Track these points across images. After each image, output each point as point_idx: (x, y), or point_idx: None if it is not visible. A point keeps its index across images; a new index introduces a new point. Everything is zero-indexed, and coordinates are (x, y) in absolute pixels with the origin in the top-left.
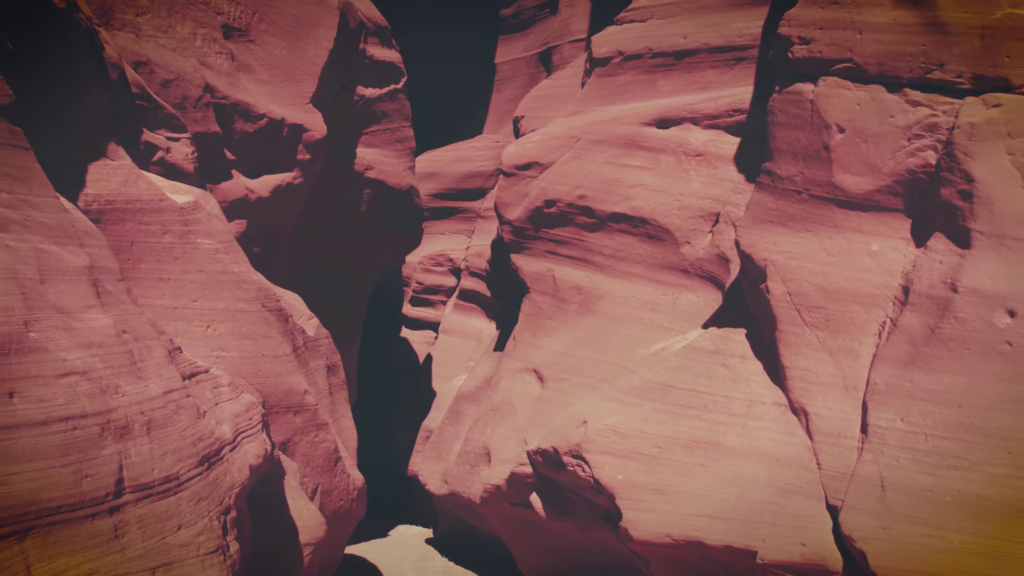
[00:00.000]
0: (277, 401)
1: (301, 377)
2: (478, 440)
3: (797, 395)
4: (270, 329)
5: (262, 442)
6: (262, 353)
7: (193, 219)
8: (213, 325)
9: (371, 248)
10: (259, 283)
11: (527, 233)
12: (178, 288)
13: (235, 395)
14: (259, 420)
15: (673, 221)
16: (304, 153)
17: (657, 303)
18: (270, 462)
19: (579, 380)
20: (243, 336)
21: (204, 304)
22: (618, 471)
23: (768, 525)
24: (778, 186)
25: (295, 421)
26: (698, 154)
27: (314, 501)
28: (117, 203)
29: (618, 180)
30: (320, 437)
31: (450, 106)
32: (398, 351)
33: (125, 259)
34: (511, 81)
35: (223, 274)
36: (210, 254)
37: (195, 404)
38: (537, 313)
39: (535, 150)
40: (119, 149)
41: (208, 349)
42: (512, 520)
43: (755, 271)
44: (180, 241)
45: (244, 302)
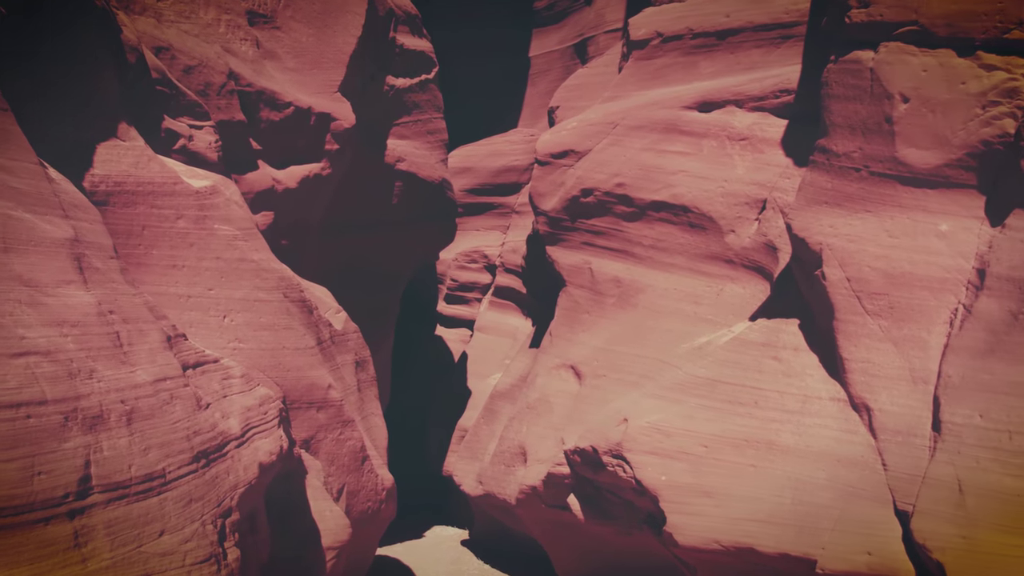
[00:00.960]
0: (299, 396)
1: (325, 371)
2: (513, 439)
3: (858, 389)
4: (292, 320)
5: (277, 438)
6: (283, 345)
7: (210, 204)
8: (230, 315)
9: (403, 243)
10: (280, 272)
11: (563, 224)
12: (193, 276)
13: (248, 388)
14: (275, 415)
15: (717, 209)
16: (332, 143)
17: (700, 295)
18: (287, 460)
19: (618, 376)
20: (262, 327)
21: (221, 293)
22: (661, 472)
23: (829, 531)
24: (834, 164)
25: (319, 417)
26: (742, 138)
27: (339, 502)
28: (127, 185)
29: (658, 167)
30: (346, 435)
31: (483, 104)
32: (432, 349)
33: (135, 244)
34: (546, 74)
35: (241, 262)
36: (228, 241)
37: (195, 395)
38: (574, 307)
39: (571, 137)
40: (131, 130)
41: (224, 340)
42: (549, 522)
43: (809, 256)
44: (195, 227)
45: (264, 291)
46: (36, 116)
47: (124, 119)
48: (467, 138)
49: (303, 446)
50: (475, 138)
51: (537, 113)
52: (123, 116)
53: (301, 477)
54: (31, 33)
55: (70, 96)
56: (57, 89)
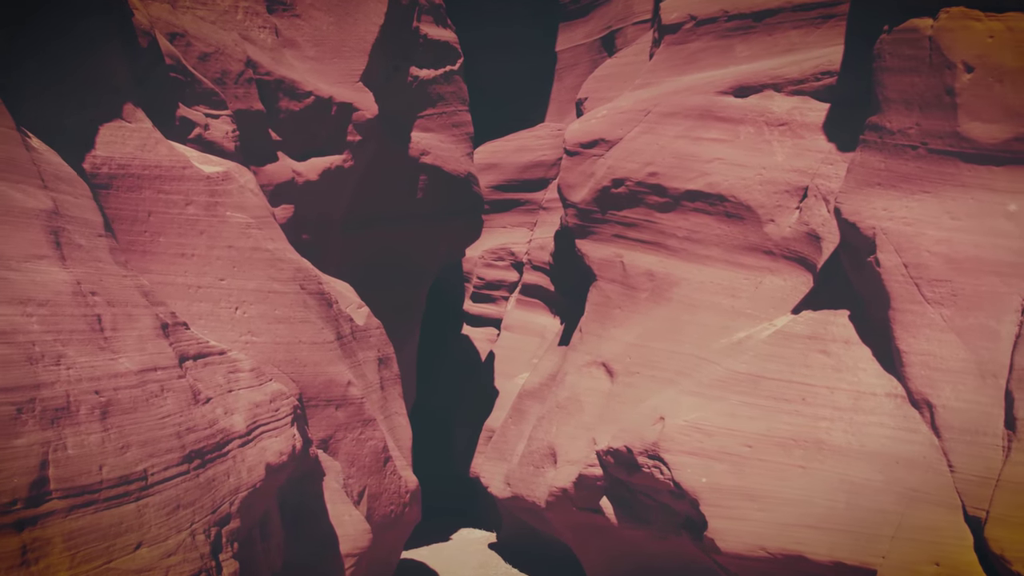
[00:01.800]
0: (316, 393)
1: (345, 367)
2: (543, 440)
3: (918, 384)
4: (309, 313)
5: (289, 437)
6: (299, 339)
7: (222, 190)
8: (243, 307)
9: (428, 238)
10: (297, 263)
11: (593, 216)
12: (203, 265)
13: (259, 383)
14: (288, 412)
15: (755, 197)
16: (355, 134)
17: (738, 288)
18: (301, 461)
19: (652, 373)
20: (277, 320)
21: (233, 283)
22: (702, 473)
23: (889, 539)
24: (888, 142)
25: (337, 416)
26: (782, 123)
27: (360, 506)
28: (132, 168)
29: (693, 155)
30: (367, 434)
31: (509, 101)
32: (459, 349)
33: (141, 231)
34: (573, 69)
35: (255, 251)
36: (241, 229)
37: (192, 388)
38: (605, 302)
39: (601, 126)
40: (137, 111)
41: (236, 333)
42: (580, 526)
43: (861, 242)
44: (206, 213)
45: (279, 282)
46: (38, 95)
47: (131, 100)
48: (492, 137)
49: (321, 446)
50: (501, 136)
51: (564, 108)
52: (130, 98)
53: (318, 479)
54: (36, 11)
55: (74, 76)
56: (61, 68)
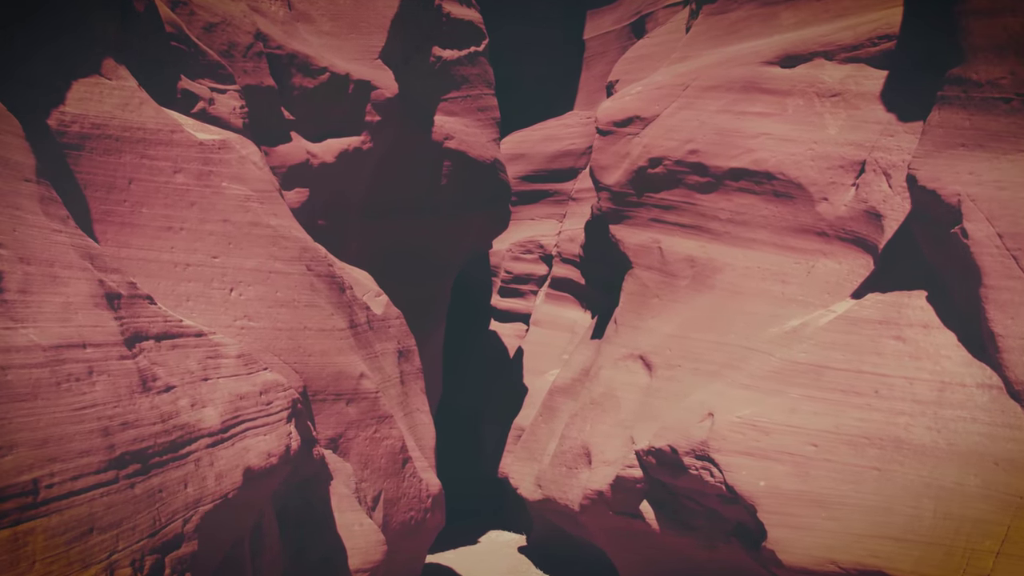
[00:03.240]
0: (324, 386)
1: (358, 358)
2: (576, 438)
3: (1019, 373)
4: (317, 297)
5: (282, 436)
6: (304, 325)
7: (218, 159)
8: (239, 288)
9: (453, 229)
10: (304, 242)
11: (628, 199)
12: (193, 241)
13: (246, 371)
14: (284, 407)
15: (806, 174)
16: (373, 114)
17: (788, 273)
18: (301, 462)
19: (695, 366)
20: (278, 303)
21: (228, 262)
22: (759, 476)
23: (992, 555)
24: (974, 96)
25: (348, 412)
26: (834, 94)
27: (375, 512)
28: (110, 129)
29: (736, 130)
30: (382, 432)
31: (536, 92)
32: (487, 345)
33: (120, 200)
34: (601, 57)
35: (255, 226)
36: (239, 202)
37: (142, 373)
38: (642, 291)
39: (636, 103)
40: (120, 68)
41: (230, 317)
42: (617, 531)
43: (942, 212)
44: (198, 183)
45: (282, 262)
46: (6, 43)
47: (113, 57)
48: (518, 129)
49: (329, 446)
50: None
51: (593, 98)
52: (112, 54)
53: (324, 483)
54: None
55: (49, 24)
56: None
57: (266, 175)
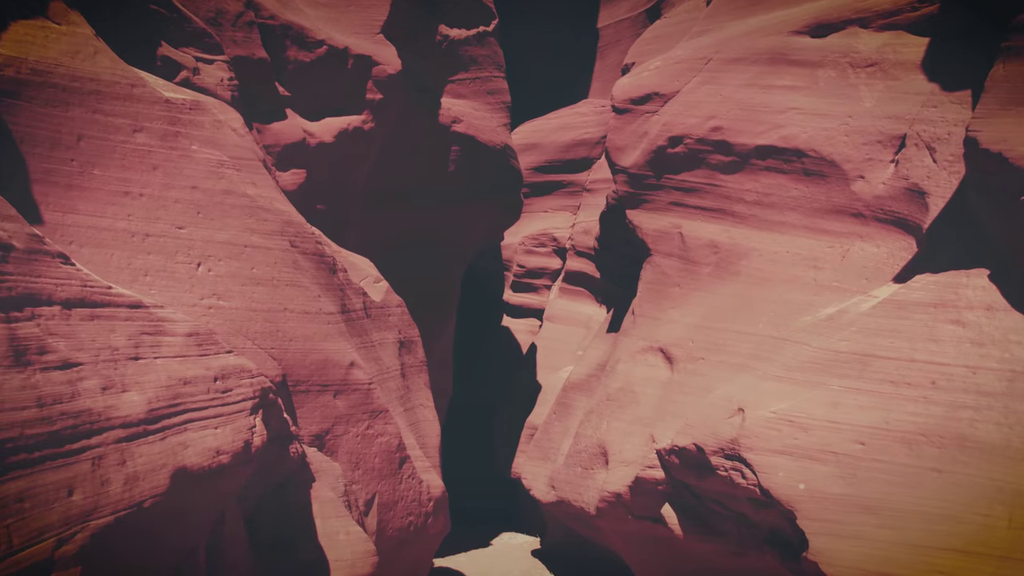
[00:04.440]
0: (307, 375)
1: (349, 346)
2: (591, 437)
3: None
4: (300, 276)
5: (239, 430)
6: (284, 306)
7: (189, 120)
8: (208, 263)
9: (462, 218)
10: (287, 215)
11: (646, 182)
12: (154, 208)
13: (198, 352)
14: (248, 396)
15: (840, 151)
16: (375, 92)
17: (820, 258)
18: (272, 461)
19: (720, 358)
20: (254, 281)
21: (196, 233)
22: (798, 477)
23: None
24: None
25: (336, 405)
26: (870, 64)
27: (368, 518)
28: (55, 78)
29: (763, 105)
30: (376, 428)
31: (548, 84)
32: (499, 341)
33: (65, 159)
34: (616, 46)
35: (229, 195)
36: (211, 168)
37: (17, 341)
38: (661, 280)
39: (654, 79)
40: (72, 14)
41: (196, 295)
42: (636, 536)
43: (1009, 177)
44: (162, 144)
45: (260, 235)
46: None
47: (64, 2)
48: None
49: (314, 443)
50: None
51: (608, 87)
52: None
53: (305, 486)
54: None
55: None
56: None
57: (247, 143)
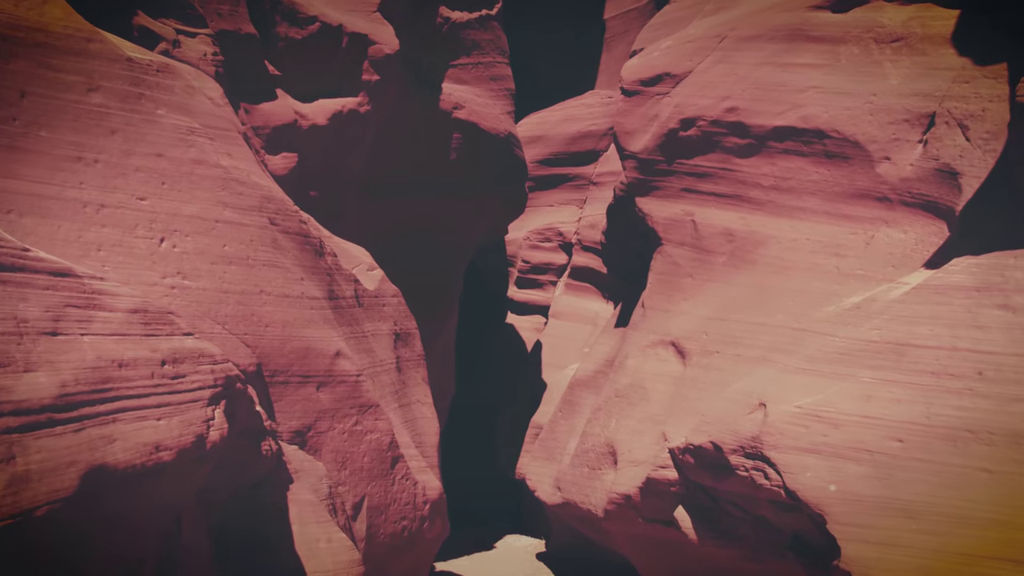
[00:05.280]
0: (286, 365)
1: (335, 335)
2: (599, 435)
3: None
4: (280, 256)
5: (190, 423)
6: (260, 288)
7: (155, 83)
8: (172, 238)
9: (464, 209)
10: (267, 191)
11: (657, 167)
12: (112, 177)
13: (145, 332)
14: (206, 385)
15: (864, 130)
16: (371, 73)
17: (843, 245)
18: (229, 460)
19: (737, 352)
20: (226, 260)
21: (160, 205)
22: (828, 478)
23: None
24: None
25: (320, 398)
26: (896, 39)
27: (356, 522)
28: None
29: (781, 84)
30: (365, 425)
31: (553, 77)
32: (503, 339)
33: (6, 117)
34: (623, 37)
35: (200, 165)
36: (180, 134)
37: None
38: (673, 270)
39: (665, 59)
40: None
41: (158, 273)
42: (646, 540)
43: None
44: (122, 107)
45: (235, 210)
46: None
47: None
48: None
49: (295, 440)
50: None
51: (614, 80)
52: None
53: (281, 488)
54: None
55: None
56: None
57: (225, 114)
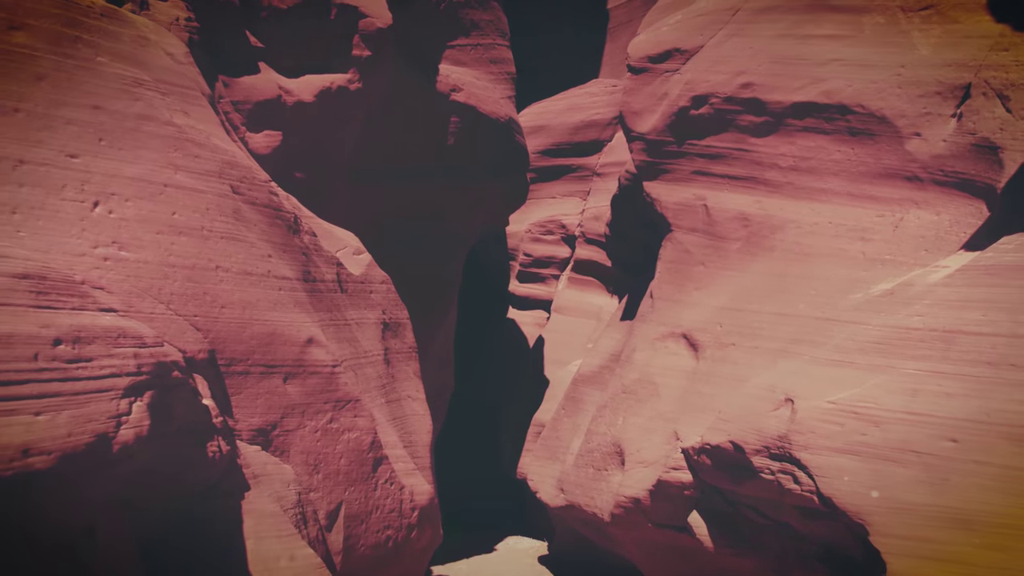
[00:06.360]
0: (245, 352)
1: (307, 319)
2: (605, 434)
3: None
4: (244, 229)
5: (86, 418)
6: (216, 264)
7: (97, 27)
8: (109, 203)
9: (463, 197)
10: (232, 156)
11: (666, 149)
12: (35, 129)
13: (35, 303)
14: (122, 371)
15: (892, 104)
16: (362, 48)
17: (869, 228)
18: (162, 465)
19: (755, 344)
20: (175, 229)
21: (95, 164)
22: (869, 483)
23: None
24: None
25: (287, 392)
26: (924, 6)
27: (330, 533)
28: None
29: (800, 58)
30: (342, 422)
31: (556, 68)
32: (505, 334)
33: None
34: (627, 27)
35: (146, 121)
36: (124, 86)
37: None
38: (684, 258)
39: (674, 34)
40: None
41: (87, 242)
42: (657, 546)
43: None
44: (52, 49)
45: (188, 174)
46: None
47: None
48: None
49: (256, 439)
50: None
51: (618, 70)
52: None
53: (234, 496)
54: None
55: None
56: None
57: (188, 72)
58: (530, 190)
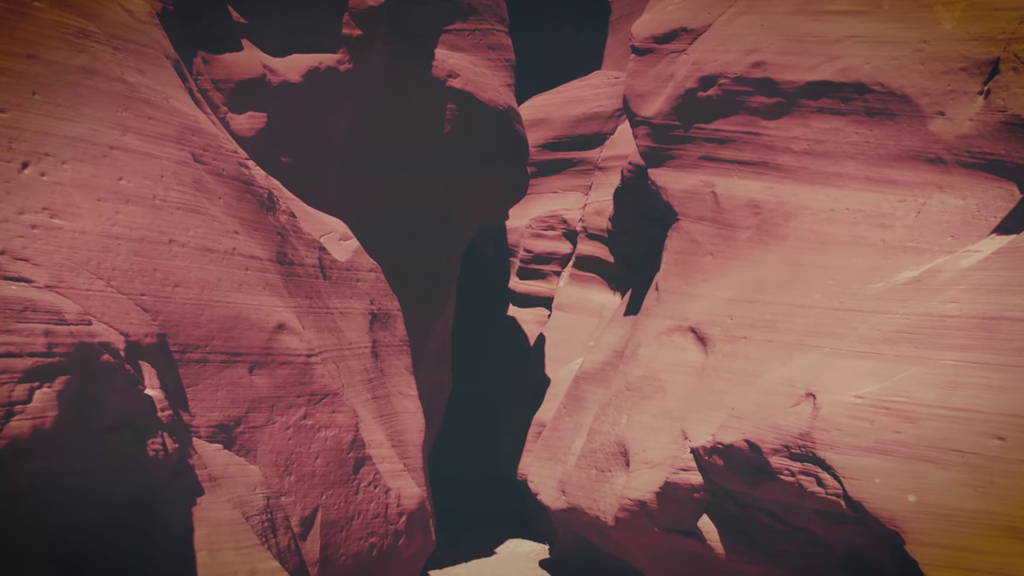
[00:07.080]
0: (204, 337)
1: (278, 303)
2: (608, 433)
3: None
4: (206, 201)
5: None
6: (169, 237)
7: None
8: (41, 164)
9: (461, 188)
10: (195, 121)
11: (672, 134)
12: None
13: None
14: (22, 351)
15: (913, 82)
16: (352, 27)
17: (889, 214)
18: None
19: (768, 337)
20: (121, 197)
21: (25, 120)
22: (904, 485)
23: None
24: None
25: (254, 384)
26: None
27: (305, 542)
28: None
29: (814, 35)
30: (319, 419)
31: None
32: (505, 332)
33: None
34: (628, 19)
35: (91, 76)
36: (65, 35)
37: None
38: (691, 248)
39: (681, 13)
40: None
41: (13, 207)
42: (664, 552)
43: None
44: None
45: (141, 137)
46: None
47: None
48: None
49: (217, 436)
50: None
51: (620, 63)
52: None
53: (183, 502)
54: None
55: None
56: None
57: (150, 32)
58: (530, 184)
